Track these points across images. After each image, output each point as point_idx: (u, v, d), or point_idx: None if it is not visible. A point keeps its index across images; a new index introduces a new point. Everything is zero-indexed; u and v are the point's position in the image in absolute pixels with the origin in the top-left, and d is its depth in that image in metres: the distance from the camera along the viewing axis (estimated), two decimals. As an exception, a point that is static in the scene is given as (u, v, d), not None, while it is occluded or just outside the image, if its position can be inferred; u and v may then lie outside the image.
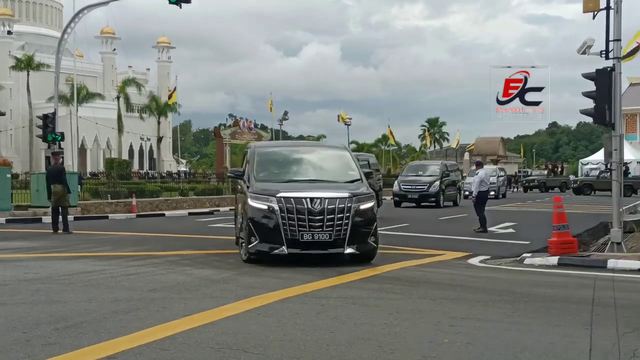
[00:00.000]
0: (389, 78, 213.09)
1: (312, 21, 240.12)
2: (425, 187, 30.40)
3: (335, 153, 12.74)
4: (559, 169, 64.01)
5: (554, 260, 11.17)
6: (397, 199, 31.35)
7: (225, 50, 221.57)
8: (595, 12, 13.42)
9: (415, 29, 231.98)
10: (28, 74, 57.88)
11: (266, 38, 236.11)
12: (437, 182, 30.61)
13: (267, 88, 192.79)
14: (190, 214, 27.09)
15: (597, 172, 48.81)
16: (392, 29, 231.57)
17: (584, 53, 13.52)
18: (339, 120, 62.27)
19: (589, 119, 15.38)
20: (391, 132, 78.07)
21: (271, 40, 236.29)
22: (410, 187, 30.66)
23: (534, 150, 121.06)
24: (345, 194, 10.52)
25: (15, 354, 5.24)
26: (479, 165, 18.94)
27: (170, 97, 65.04)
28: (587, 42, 13.54)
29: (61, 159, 18.25)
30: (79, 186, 27.00)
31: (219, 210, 28.70)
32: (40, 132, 26.94)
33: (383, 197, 24.79)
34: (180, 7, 20.80)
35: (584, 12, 13.46)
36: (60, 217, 17.59)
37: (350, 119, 62.99)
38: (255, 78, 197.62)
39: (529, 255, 11.82)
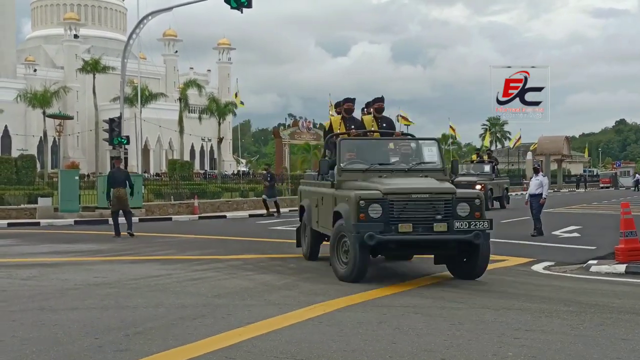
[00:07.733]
0: (438, 77, 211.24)
1: (360, 22, 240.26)
2: None
3: None
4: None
5: (621, 268, 10.89)
6: None
7: (275, 52, 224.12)
8: None
9: (464, 28, 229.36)
10: (94, 77, 59.49)
11: (316, 39, 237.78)
12: None
13: (317, 88, 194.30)
14: (250, 215, 27.45)
15: None
16: (442, 28, 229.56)
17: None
18: (398, 121, 61.76)
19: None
20: (453, 130, 76.71)
21: (320, 41, 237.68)
22: None
23: (599, 149, 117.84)
24: None
25: (89, 360, 5.45)
26: (538, 170, 18.93)
27: (236, 96, 65.89)
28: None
29: (122, 163, 18.65)
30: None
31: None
32: (106, 135, 27.72)
33: None
34: (242, 12, 21.03)
35: None
36: (125, 219, 17.84)
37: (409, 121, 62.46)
38: (306, 79, 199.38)
39: (594, 262, 11.56)
